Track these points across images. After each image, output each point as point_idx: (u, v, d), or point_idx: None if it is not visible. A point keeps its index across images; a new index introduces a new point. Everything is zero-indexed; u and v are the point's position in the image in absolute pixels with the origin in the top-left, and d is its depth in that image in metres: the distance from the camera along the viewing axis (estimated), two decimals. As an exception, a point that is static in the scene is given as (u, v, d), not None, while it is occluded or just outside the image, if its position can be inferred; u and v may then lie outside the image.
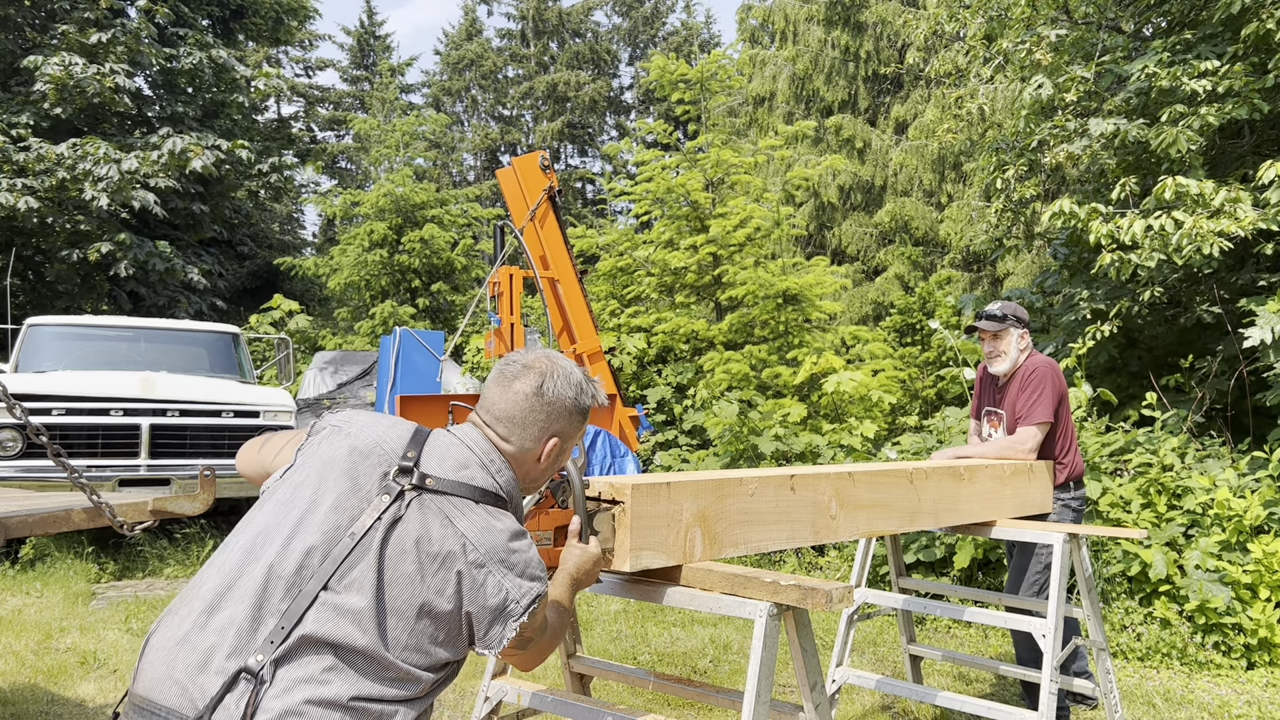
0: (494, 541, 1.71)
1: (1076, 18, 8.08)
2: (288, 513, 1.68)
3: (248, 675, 1.51)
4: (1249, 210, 6.17)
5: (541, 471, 1.92)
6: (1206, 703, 4.48)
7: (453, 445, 1.80)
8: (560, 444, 1.90)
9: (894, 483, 3.01)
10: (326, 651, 1.56)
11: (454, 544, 1.67)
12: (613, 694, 4.37)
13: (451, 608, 1.66)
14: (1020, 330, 4.11)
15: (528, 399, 1.86)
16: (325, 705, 1.52)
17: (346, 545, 1.63)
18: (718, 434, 8.19)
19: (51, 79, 15.20)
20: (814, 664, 2.22)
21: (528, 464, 1.88)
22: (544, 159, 8.70)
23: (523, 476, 1.89)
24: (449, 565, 1.66)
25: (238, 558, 1.65)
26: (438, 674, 1.69)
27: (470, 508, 1.73)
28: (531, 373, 1.88)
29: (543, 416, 1.86)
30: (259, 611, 1.57)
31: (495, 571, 1.69)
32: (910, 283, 17.64)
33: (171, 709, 1.50)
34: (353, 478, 1.71)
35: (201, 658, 1.53)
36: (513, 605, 1.70)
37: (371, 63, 39.33)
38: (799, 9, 20.18)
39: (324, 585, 1.59)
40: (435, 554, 1.66)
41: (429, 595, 1.64)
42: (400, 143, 20.02)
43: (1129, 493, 5.74)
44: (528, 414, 1.86)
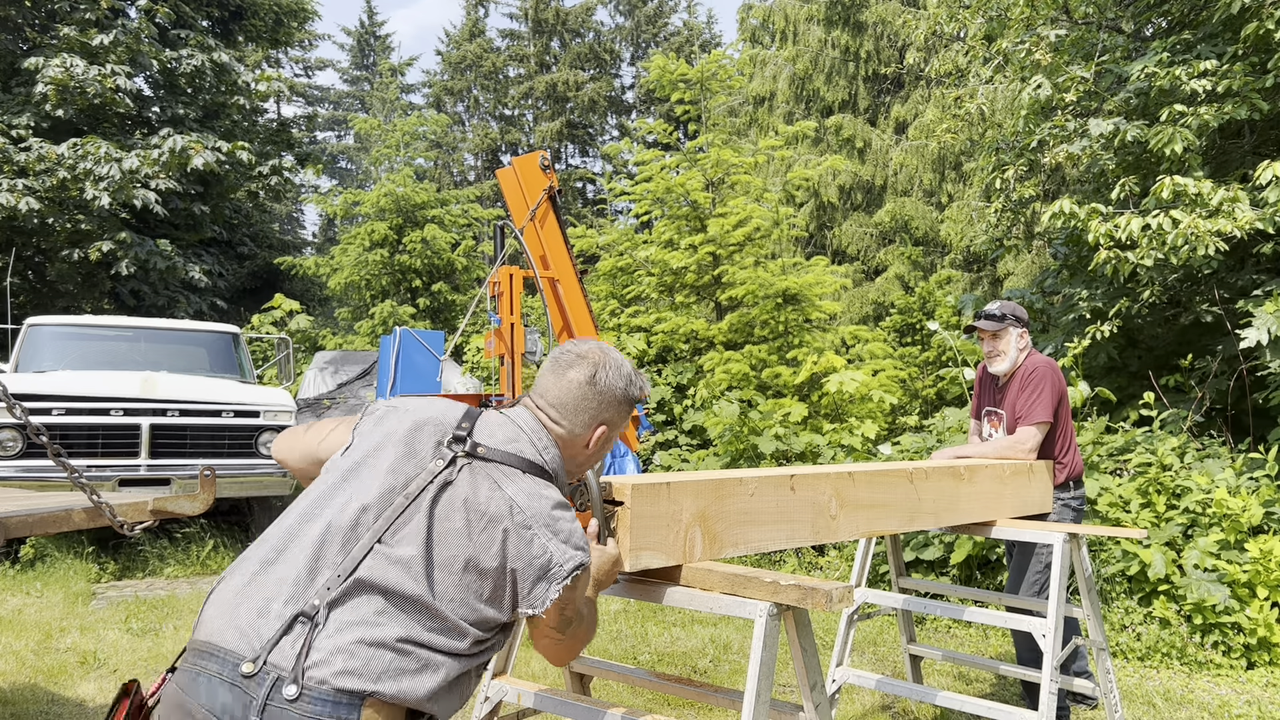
0: (540, 507, 1.78)
1: (1076, 18, 8.08)
2: (346, 480, 1.78)
3: (303, 619, 1.60)
4: (1247, 210, 6.17)
5: (588, 457, 2.00)
6: (1206, 702, 4.48)
7: (504, 422, 1.91)
8: (608, 432, 1.99)
9: (894, 483, 3.02)
10: (378, 596, 1.64)
11: (502, 506, 1.76)
12: (613, 694, 4.37)
13: (497, 564, 1.73)
14: (1020, 330, 4.11)
15: (580, 387, 1.95)
16: (375, 645, 1.60)
17: (400, 504, 1.72)
18: (718, 434, 8.19)
19: (53, 80, 15.20)
20: (814, 664, 2.22)
21: (575, 448, 1.97)
22: (544, 159, 8.70)
23: (569, 459, 1.97)
24: (496, 524, 1.74)
25: (295, 519, 1.74)
26: (484, 635, 1.74)
27: (518, 475, 1.82)
28: (585, 362, 1.97)
29: (594, 404, 1.95)
30: (315, 563, 1.66)
31: (540, 534, 1.76)
32: (910, 283, 17.64)
33: (230, 651, 1.59)
34: (409, 445, 1.81)
35: (260, 605, 1.62)
36: (556, 568, 1.76)
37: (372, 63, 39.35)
38: (799, 9, 20.18)
39: (378, 539, 1.69)
40: (483, 513, 1.74)
41: (475, 551, 1.72)
42: (401, 143, 20.02)
43: (1128, 492, 5.74)
44: (580, 401, 1.95)
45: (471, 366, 12.37)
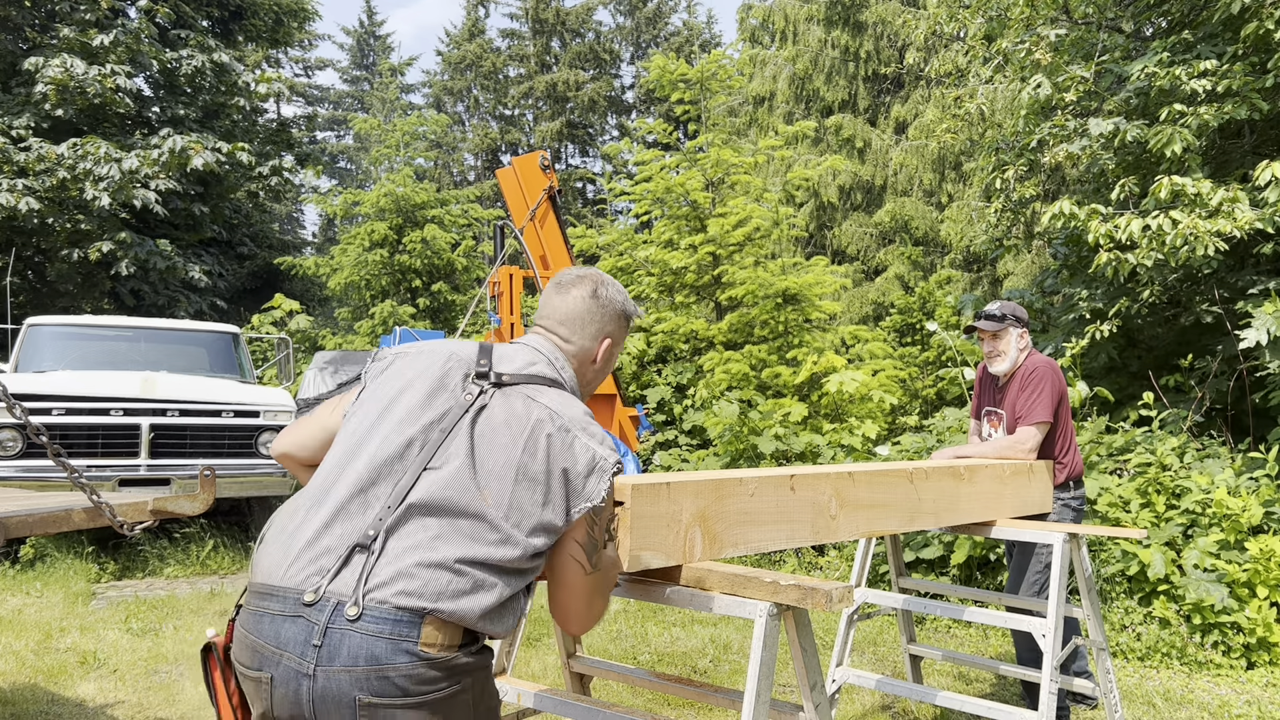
0: (575, 412, 1.87)
1: (1076, 18, 8.08)
2: (381, 419, 1.82)
3: (360, 549, 1.66)
4: (1246, 210, 6.17)
5: (595, 373, 2.11)
6: (1206, 702, 4.48)
7: (520, 349, 1.99)
8: (612, 345, 2.10)
9: (894, 483, 3.02)
10: (432, 519, 1.69)
11: (540, 414, 1.83)
12: (613, 694, 4.37)
13: (544, 467, 1.78)
14: (1019, 330, 4.11)
15: (584, 301, 2.06)
16: (433, 566, 1.65)
17: (441, 433, 1.79)
18: (718, 434, 8.19)
19: (53, 81, 15.19)
20: (814, 664, 2.22)
21: (585, 365, 2.07)
22: (544, 159, 8.70)
23: (579, 377, 2.07)
24: (539, 430, 1.80)
25: (336, 462, 1.80)
26: (537, 546, 1.76)
27: (545, 390, 1.90)
28: (586, 280, 2.09)
29: (599, 317, 2.07)
30: (366, 496, 1.71)
31: (581, 435, 1.83)
32: (910, 283, 17.65)
33: (290, 588, 1.64)
34: (439, 379, 1.87)
35: (315, 541, 1.68)
36: (602, 462, 1.82)
37: (371, 63, 39.35)
38: (799, 9, 20.18)
39: (425, 466, 1.74)
40: (524, 424, 1.81)
41: (523, 458, 1.77)
42: (401, 143, 20.01)
43: (1128, 492, 5.74)
44: (585, 314, 2.06)
45: (471, 366, 12.35)
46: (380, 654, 1.60)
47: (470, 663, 1.71)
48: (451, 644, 1.67)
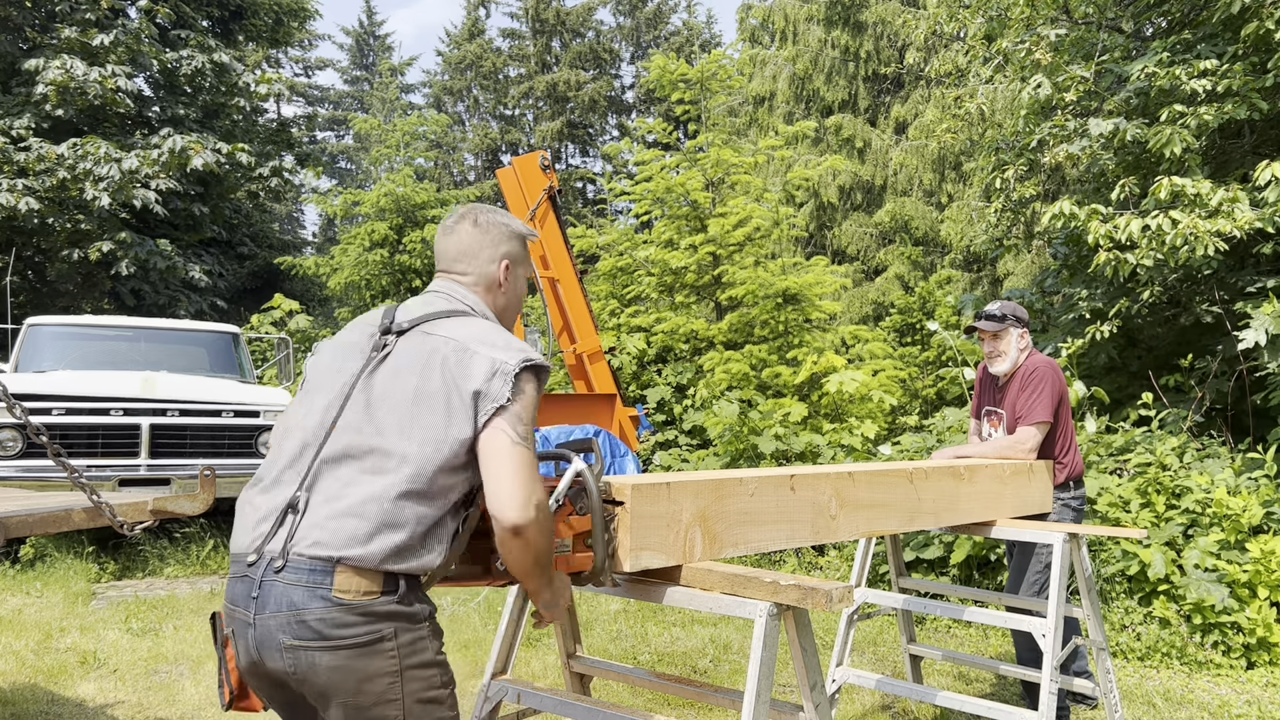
0: (474, 330, 1.95)
1: (1076, 17, 8.08)
2: (306, 396, 2.00)
3: (291, 510, 1.83)
4: (1246, 210, 6.17)
5: (508, 297, 2.17)
6: (1206, 702, 4.48)
7: (421, 298, 2.10)
8: (513, 266, 2.16)
9: (894, 483, 3.02)
10: (341, 467, 1.83)
11: (436, 342, 1.92)
12: (613, 694, 4.37)
13: (442, 385, 1.85)
14: (1020, 330, 4.11)
15: (469, 233, 2.14)
16: (341, 515, 1.78)
17: (345, 388, 1.94)
18: (718, 434, 8.19)
19: (53, 82, 15.19)
20: (814, 664, 2.22)
21: (492, 291, 2.14)
22: (544, 159, 8.71)
23: (492, 305, 2.14)
24: (434, 357, 1.89)
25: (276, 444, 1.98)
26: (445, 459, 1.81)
27: (443, 322, 1.98)
28: (466, 215, 2.17)
29: (489, 242, 2.13)
30: (296, 465, 1.88)
31: (481, 349, 1.89)
32: (910, 283, 17.64)
33: (241, 554, 1.85)
34: (350, 346, 2.03)
35: (258, 512, 1.87)
36: (502, 365, 1.86)
37: (371, 63, 39.34)
38: (799, 9, 20.18)
39: (334, 423, 1.89)
40: (421, 355, 1.91)
41: (419, 383, 1.87)
42: (401, 143, 20.01)
43: (1128, 492, 5.74)
44: (474, 244, 2.13)
45: (471, 366, 12.34)
46: (298, 600, 1.75)
47: (391, 610, 1.78)
48: (369, 590, 1.76)
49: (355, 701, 1.80)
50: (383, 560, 1.76)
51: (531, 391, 1.90)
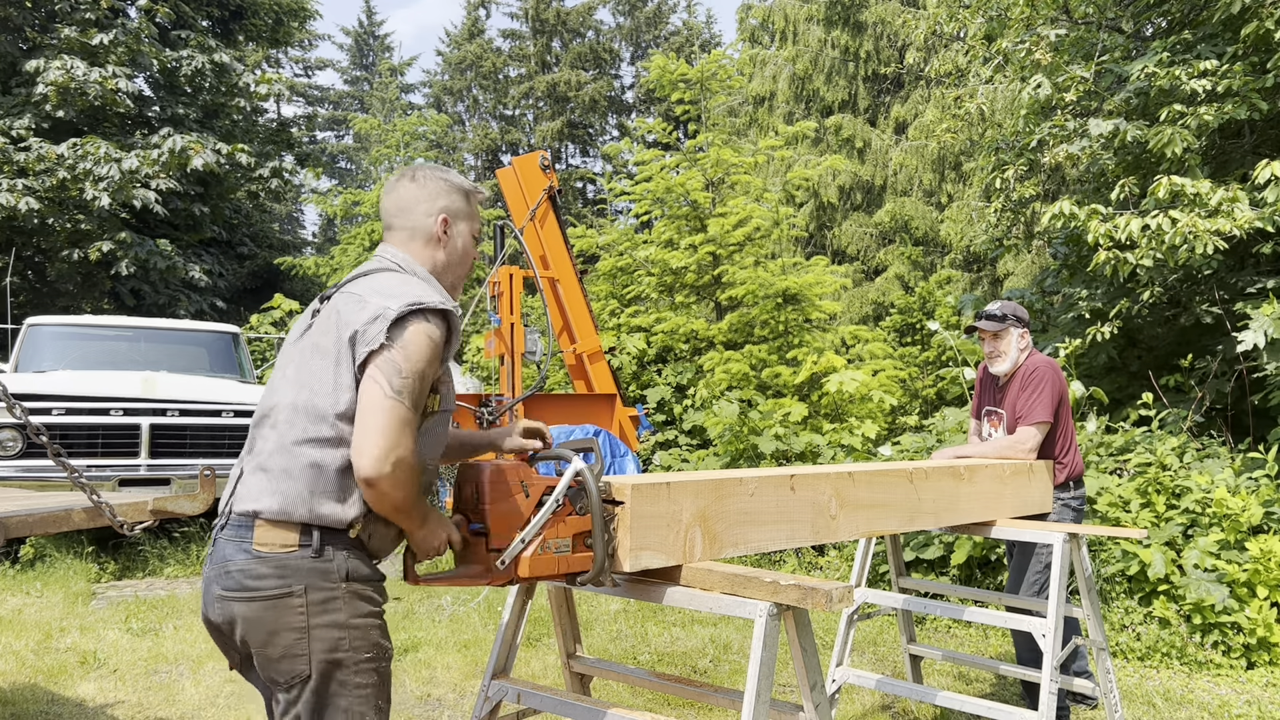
0: (375, 284, 1.97)
1: (1076, 18, 8.08)
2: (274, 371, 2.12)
3: (240, 475, 1.96)
4: (1246, 210, 6.16)
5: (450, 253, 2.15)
6: (1206, 702, 4.48)
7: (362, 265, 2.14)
8: (452, 220, 2.14)
9: (894, 483, 3.02)
10: (265, 429, 1.94)
11: (345, 298, 1.97)
12: (613, 694, 4.37)
13: (335, 336, 1.90)
14: (1020, 330, 4.11)
15: (406, 188, 2.14)
16: (256, 471, 1.90)
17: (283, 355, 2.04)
18: (718, 434, 8.19)
19: (54, 83, 15.19)
20: (814, 664, 2.22)
21: (431, 245, 2.12)
22: (544, 159, 8.70)
23: (430, 261, 2.12)
24: (333, 309, 1.96)
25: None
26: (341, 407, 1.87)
27: (363, 280, 2.02)
28: (405, 173, 2.18)
29: (424, 195, 2.12)
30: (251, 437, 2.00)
31: (374, 297, 1.91)
32: (910, 283, 17.64)
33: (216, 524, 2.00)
34: (300, 321, 2.11)
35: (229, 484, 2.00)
36: (384, 311, 1.87)
37: (371, 63, 39.33)
38: (799, 9, 20.17)
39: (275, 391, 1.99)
40: (332, 313, 1.96)
41: (318, 338, 1.94)
42: (401, 143, 20.01)
43: (1128, 492, 5.74)
44: (410, 200, 2.13)
45: (471, 366, 12.37)
46: (228, 554, 1.88)
47: (304, 565, 1.83)
48: (286, 544, 1.83)
49: (265, 654, 1.85)
50: (288, 510, 1.83)
51: (420, 340, 1.86)
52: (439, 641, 5.39)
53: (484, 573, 2.03)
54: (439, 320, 1.91)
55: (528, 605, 2.68)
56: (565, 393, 9.71)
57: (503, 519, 2.02)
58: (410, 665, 5.00)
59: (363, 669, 1.89)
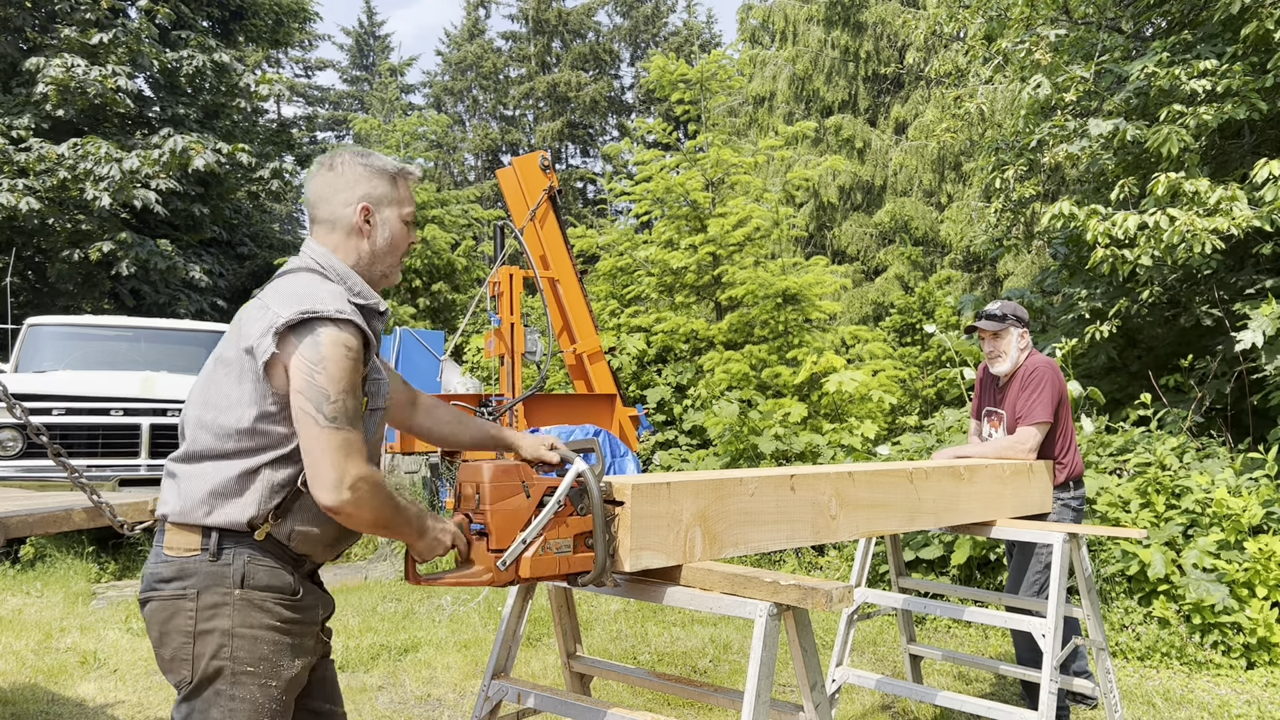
0: (281, 287, 1.90)
1: (1076, 18, 8.08)
2: None
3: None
4: (1244, 209, 6.17)
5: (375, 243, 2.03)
6: (1206, 702, 4.48)
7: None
8: (375, 208, 2.02)
9: (894, 483, 3.02)
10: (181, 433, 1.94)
11: (248, 307, 1.92)
12: (613, 694, 4.37)
13: (236, 346, 1.86)
14: (1020, 330, 4.11)
15: (323, 178, 2.03)
16: (168, 475, 1.90)
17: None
18: (718, 434, 8.19)
19: (54, 81, 15.19)
20: (814, 664, 2.22)
21: (351, 237, 2.01)
22: (544, 159, 8.70)
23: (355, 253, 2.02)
24: (239, 317, 1.91)
25: None
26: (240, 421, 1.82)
27: (273, 283, 1.96)
28: (324, 161, 2.07)
29: (342, 185, 2.01)
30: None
31: (273, 305, 1.84)
32: (910, 283, 17.64)
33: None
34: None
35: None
36: (274, 320, 1.79)
37: (371, 63, 39.32)
38: (799, 9, 20.17)
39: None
40: (235, 320, 1.92)
41: (224, 348, 1.89)
42: (401, 143, 20.01)
43: (1128, 492, 5.74)
44: (327, 189, 2.02)
45: (471, 366, 12.37)
46: (150, 557, 1.89)
47: (199, 568, 1.81)
48: (189, 547, 1.82)
49: (160, 654, 1.85)
50: (188, 512, 1.82)
51: (337, 355, 1.78)
52: (439, 641, 5.39)
53: (485, 573, 2.02)
54: (351, 327, 1.82)
55: (528, 605, 2.68)
56: (565, 393, 9.71)
57: (504, 520, 2.02)
58: (410, 665, 5.00)
59: (241, 681, 1.81)
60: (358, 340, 1.82)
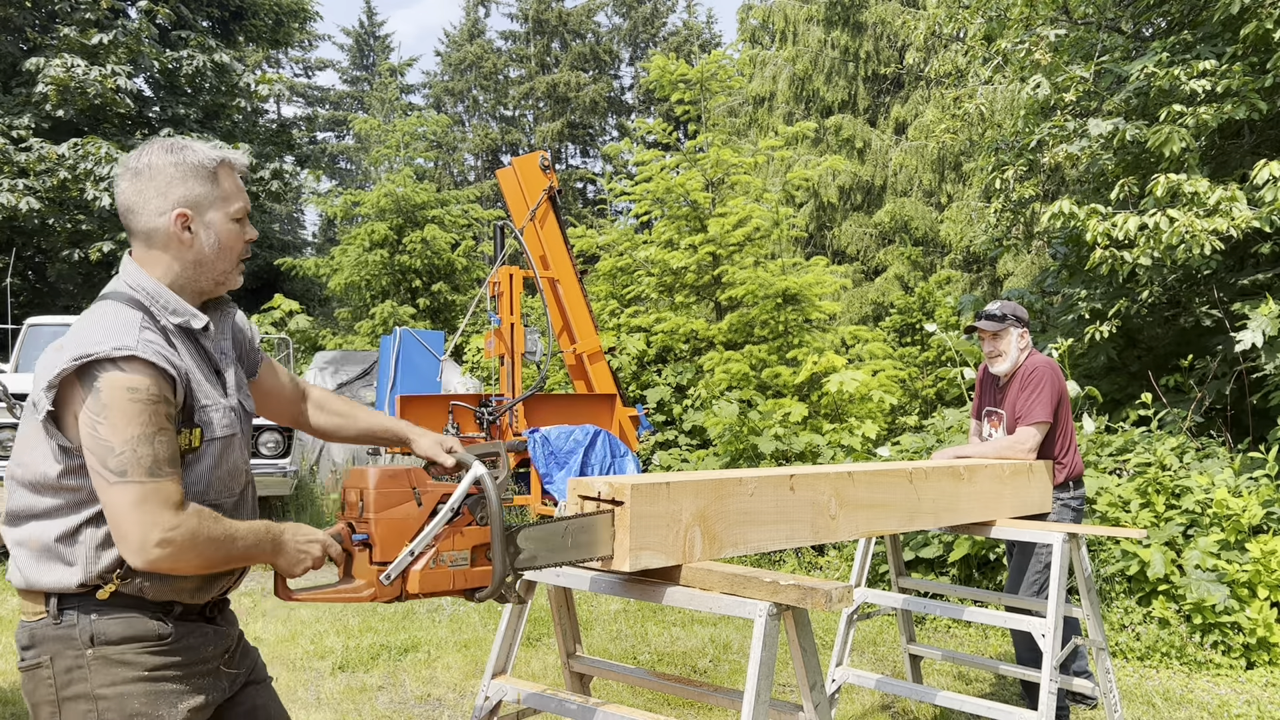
0: (76, 323, 1.72)
1: (1076, 18, 8.08)
2: None
3: None
4: (1244, 209, 6.17)
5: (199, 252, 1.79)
6: (1206, 702, 4.48)
7: None
8: (195, 213, 1.77)
9: (894, 483, 3.02)
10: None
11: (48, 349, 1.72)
12: (613, 694, 4.38)
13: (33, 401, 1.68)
14: (1020, 330, 4.12)
15: (130, 185, 1.77)
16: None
17: None
18: (718, 434, 8.20)
19: (54, 80, 15.21)
20: (814, 664, 2.22)
21: (172, 248, 1.77)
22: (544, 159, 8.71)
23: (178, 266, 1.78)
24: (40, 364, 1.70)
25: None
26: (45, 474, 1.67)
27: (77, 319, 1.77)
28: (128, 165, 1.81)
29: (153, 191, 1.76)
30: None
31: (66, 345, 1.64)
32: (910, 283, 17.65)
33: None
34: None
35: None
36: (53, 370, 1.61)
37: (371, 63, 39.33)
38: (799, 9, 20.18)
39: None
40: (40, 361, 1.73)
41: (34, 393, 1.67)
42: (401, 143, 20.02)
43: (1128, 492, 5.74)
44: (137, 197, 1.77)
45: (471, 366, 12.37)
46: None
47: (47, 632, 1.67)
48: (37, 612, 1.68)
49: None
50: (27, 579, 1.67)
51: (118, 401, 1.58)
52: (439, 641, 5.39)
53: (366, 588, 1.83)
54: (138, 365, 1.60)
55: (528, 605, 2.68)
56: (565, 393, 9.72)
57: (390, 529, 1.84)
58: (410, 665, 5.01)
59: None
60: (149, 377, 1.61)
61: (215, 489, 1.78)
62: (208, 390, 1.77)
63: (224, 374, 1.87)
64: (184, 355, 1.74)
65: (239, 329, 2.00)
